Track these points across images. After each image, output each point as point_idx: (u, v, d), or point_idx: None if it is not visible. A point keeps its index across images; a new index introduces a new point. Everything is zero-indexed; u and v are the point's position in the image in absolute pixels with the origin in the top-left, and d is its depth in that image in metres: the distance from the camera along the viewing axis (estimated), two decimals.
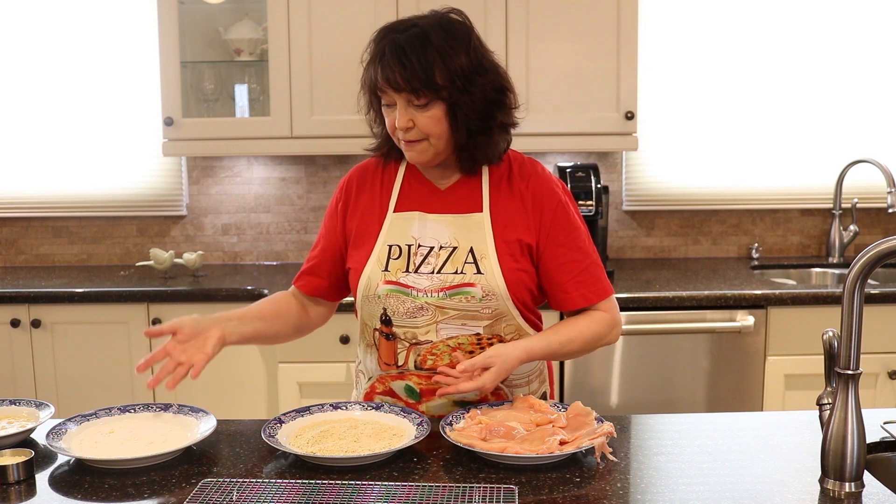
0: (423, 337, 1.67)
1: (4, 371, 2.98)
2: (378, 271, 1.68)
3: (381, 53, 1.61)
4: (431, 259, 1.67)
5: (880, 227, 3.57)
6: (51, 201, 3.47)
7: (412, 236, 1.69)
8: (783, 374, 2.87)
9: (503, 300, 1.65)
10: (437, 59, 1.58)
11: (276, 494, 1.31)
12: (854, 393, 1.31)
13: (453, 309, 1.65)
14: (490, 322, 1.67)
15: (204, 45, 3.27)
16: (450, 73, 1.59)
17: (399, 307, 1.67)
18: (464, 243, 1.67)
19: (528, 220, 1.69)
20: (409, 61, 1.57)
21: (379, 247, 1.70)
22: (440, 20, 1.64)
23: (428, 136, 1.63)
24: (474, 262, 1.65)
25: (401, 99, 1.60)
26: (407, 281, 1.66)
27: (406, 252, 1.68)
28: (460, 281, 1.65)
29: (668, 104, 3.44)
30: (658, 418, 1.70)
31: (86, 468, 1.45)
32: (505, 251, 1.67)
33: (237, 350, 2.94)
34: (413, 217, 1.71)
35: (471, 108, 1.62)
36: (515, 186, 1.72)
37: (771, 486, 1.36)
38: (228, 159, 3.47)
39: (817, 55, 3.43)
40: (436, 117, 1.61)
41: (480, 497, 1.30)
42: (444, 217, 1.70)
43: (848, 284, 1.27)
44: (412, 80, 1.58)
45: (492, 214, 1.69)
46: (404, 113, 1.61)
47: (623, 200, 3.50)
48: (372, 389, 1.77)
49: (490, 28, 3.02)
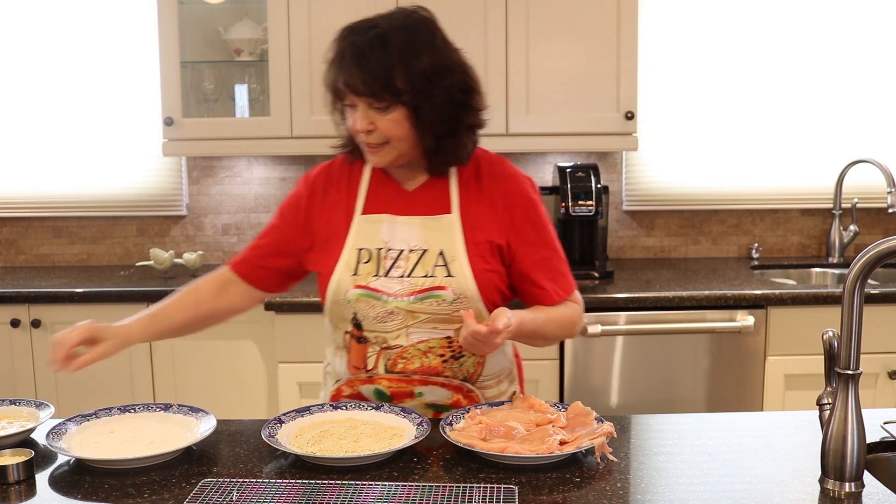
0: (393, 341, 1.66)
1: (4, 371, 2.98)
2: (347, 276, 1.66)
3: (340, 55, 1.59)
4: (401, 262, 1.65)
5: (880, 227, 3.57)
6: (51, 201, 3.47)
7: (382, 239, 1.67)
8: (783, 374, 2.87)
9: (474, 302, 1.65)
10: (397, 62, 1.55)
11: (276, 494, 1.31)
12: (854, 393, 1.31)
13: (424, 313, 1.64)
14: (460, 325, 1.64)
15: (204, 45, 3.27)
16: (411, 77, 1.56)
17: (369, 312, 1.65)
18: (433, 245, 1.65)
19: (499, 220, 1.69)
20: (367, 65, 1.55)
21: (348, 250, 1.68)
22: (404, 20, 1.61)
23: (389, 139, 1.61)
24: (444, 265, 1.64)
25: (361, 102, 1.58)
26: (377, 285, 1.65)
27: (376, 256, 1.66)
28: (431, 284, 1.63)
29: (668, 104, 3.44)
30: (658, 418, 1.70)
31: (86, 468, 1.45)
32: (475, 252, 1.66)
33: (237, 350, 2.95)
34: (382, 220, 1.68)
35: (434, 111, 1.60)
36: (485, 187, 1.70)
37: (771, 486, 1.36)
38: (228, 159, 3.47)
39: (817, 55, 3.43)
40: (397, 121, 1.59)
41: (480, 497, 1.30)
42: (413, 219, 1.68)
43: (848, 284, 1.27)
44: (371, 84, 1.55)
45: (462, 215, 1.67)
46: (364, 116, 1.59)
47: (623, 200, 3.50)
48: (338, 392, 1.75)
49: (490, 28, 3.02)
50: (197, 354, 2.97)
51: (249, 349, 2.96)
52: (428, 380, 1.68)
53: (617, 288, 2.93)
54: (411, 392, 1.69)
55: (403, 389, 1.68)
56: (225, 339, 2.95)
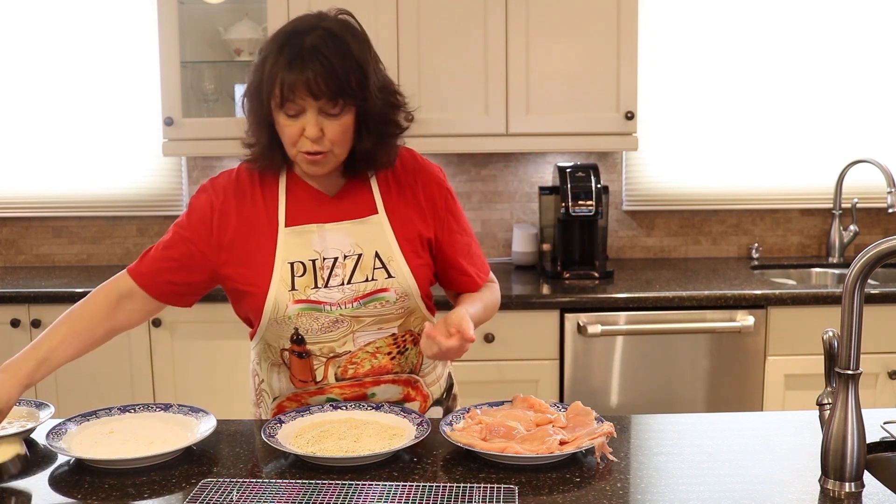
0: (340, 349, 1.64)
1: None
2: (284, 291, 1.60)
3: (293, 56, 1.49)
4: (338, 270, 1.62)
5: (880, 227, 3.57)
6: (51, 201, 3.47)
7: (314, 250, 1.62)
8: (783, 374, 2.87)
9: (414, 297, 1.66)
10: (353, 63, 1.52)
11: (276, 494, 1.31)
12: (854, 393, 1.31)
13: (368, 316, 1.64)
14: (402, 320, 1.67)
15: (204, 45, 3.27)
16: (362, 79, 1.53)
17: (312, 324, 1.62)
18: (367, 248, 1.63)
19: (423, 212, 1.69)
20: (331, 66, 1.48)
21: (279, 266, 1.60)
22: (343, 23, 1.57)
23: (333, 145, 1.55)
24: (383, 267, 1.63)
25: (313, 107, 1.51)
26: (318, 297, 1.61)
27: (311, 267, 1.61)
28: (373, 288, 1.62)
29: (668, 104, 3.44)
30: (658, 418, 1.70)
31: (86, 468, 1.45)
32: (409, 249, 1.66)
33: (237, 350, 2.95)
34: (310, 230, 1.63)
35: (377, 113, 1.58)
36: (403, 181, 1.70)
37: (771, 486, 1.36)
38: (228, 159, 3.46)
39: (817, 55, 3.43)
40: (346, 125, 1.55)
41: (480, 497, 1.30)
42: (341, 225, 1.64)
43: (848, 284, 1.27)
44: (332, 87, 1.49)
45: (388, 214, 1.67)
46: (315, 122, 1.52)
47: (623, 200, 3.50)
48: (280, 409, 1.73)
49: (490, 28, 3.02)
50: (197, 354, 2.97)
51: (249, 349, 2.95)
52: (379, 379, 1.69)
53: (617, 288, 2.93)
54: (364, 395, 1.69)
55: (356, 393, 1.68)
56: (225, 339, 2.95)
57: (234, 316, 2.86)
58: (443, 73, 3.06)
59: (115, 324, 1.66)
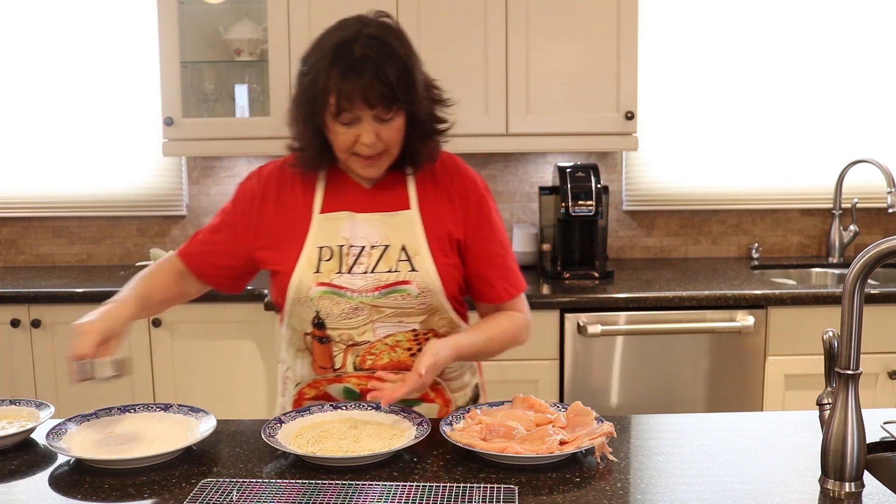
0: (359, 338, 1.66)
1: (4, 371, 2.98)
2: (309, 273, 1.65)
3: (346, 68, 1.53)
4: (364, 258, 1.65)
5: (880, 227, 3.57)
6: (51, 201, 3.47)
7: (343, 237, 1.66)
8: (783, 374, 2.87)
9: (438, 295, 1.66)
10: (402, 68, 1.56)
11: (276, 494, 1.31)
12: (854, 393, 1.31)
13: (389, 307, 1.65)
14: (425, 317, 1.67)
15: (204, 45, 3.27)
16: (412, 84, 1.58)
17: (333, 309, 1.65)
18: (395, 241, 1.66)
19: (455, 214, 1.70)
20: (383, 74, 1.53)
21: (308, 249, 1.66)
22: (385, 26, 1.60)
23: (388, 148, 1.61)
24: (408, 260, 1.65)
25: (369, 115, 1.56)
26: (340, 282, 1.64)
27: (338, 253, 1.66)
28: (395, 279, 1.64)
29: (668, 104, 3.44)
30: (658, 418, 1.70)
31: (86, 468, 1.45)
32: (437, 247, 1.67)
33: (237, 350, 2.95)
34: (342, 217, 1.68)
35: (425, 114, 1.63)
36: (440, 181, 1.72)
37: (771, 486, 1.36)
38: (228, 159, 3.47)
39: (817, 55, 3.44)
40: (398, 127, 1.60)
41: (480, 497, 1.30)
42: (373, 216, 1.68)
43: (848, 284, 1.27)
44: (387, 94, 1.53)
45: (420, 211, 1.69)
46: (371, 129, 1.57)
47: (623, 200, 3.50)
48: (301, 395, 1.75)
49: (490, 28, 3.02)
50: (197, 354, 2.97)
51: (249, 349, 2.96)
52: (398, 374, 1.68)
53: (617, 288, 2.93)
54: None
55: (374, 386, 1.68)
56: (225, 339, 2.95)
57: (235, 316, 2.90)
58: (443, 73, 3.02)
59: (180, 291, 1.78)
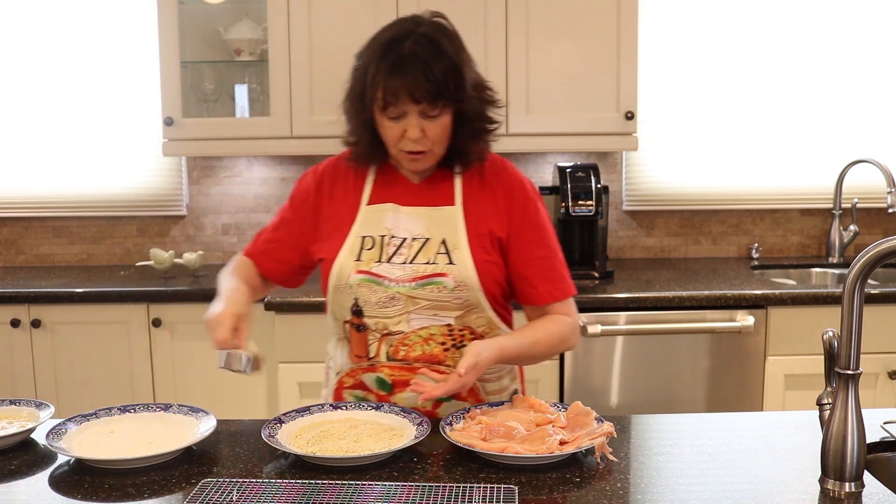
0: (394, 327, 1.68)
1: (4, 371, 2.98)
2: (350, 261, 1.68)
3: (393, 63, 1.57)
4: (404, 250, 1.68)
5: (880, 227, 3.57)
6: (51, 201, 3.48)
7: (385, 227, 1.70)
8: (783, 374, 2.87)
9: (474, 291, 1.66)
10: (450, 66, 1.59)
11: (276, 494, 1.31)
12: (854, 393, 1.31)
13: (425, 299, 1.66)
14: (461, 313, 1.67)
15: (204, 45, 3.27)
16: (461, 81, 1.61)
17: (370, 297, 1.67)
18: (436, 235, 1.68)
19: (499, 213, 1.71)
20: (431, 73, 1.56)
21: (352, 238, 1.70)
22: (437, 26, 1.64)
23: (434, 145, 1.64)
24: (446, 253, 1.66)
25: (415, 111, 1.59)
26: (379, 271, 1.67)
27: (379, 242, 1.69)
28: (432, 271, 1.65)
29: (668, 104, 3.44)
30: (658, 418, 1.70)
31: (86, 468, 1.45)
32: (477, 243, 1.68)
33: None
34: (386, 209, 1.71)
35: (473, 112, 1.65)
36: (487, 181, 1.73)
37: (771, 486, 1.36)
38: (228, 159, 3.47)
39: (817, 55, 3.43)
40: (444, 125, 1.63)
41: (480, 497, 1.30)
42: (417, 210, 1.71)
43: (848, 284, 1.27)
44: (434, 93, 1.57)
45: (464, 208, 1.70)
46: (417, 124, 1.61)
47: (623, 200, 3.50)
48: (340, 385, 1.77)
49: (490, 28, 3.02)
50: (197, 354, 2.97)
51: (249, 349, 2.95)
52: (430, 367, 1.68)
53: (617, 288, 2.93)
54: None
55: (405, 378, 1.68)
56: None
57: None
58: None
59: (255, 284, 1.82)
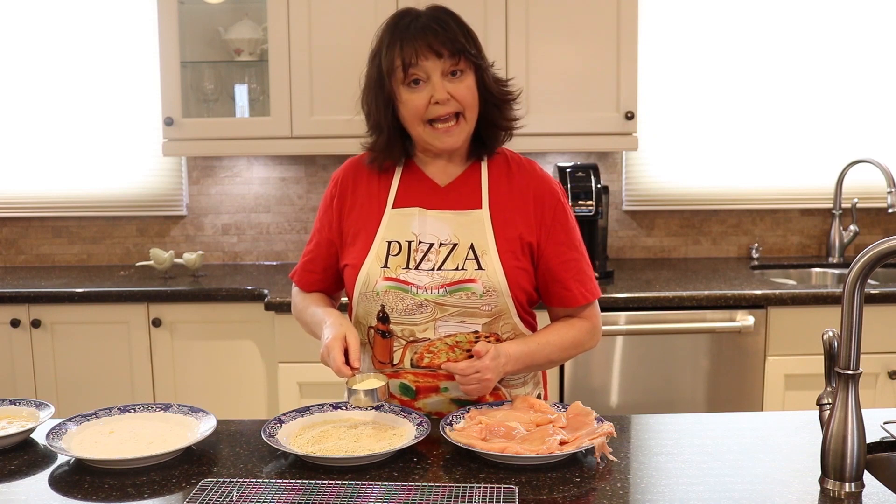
0: (420, 334, 1.66)
1: (4, 371, 2.98)
2: (377, 268, 1.66)
3: (406, 30, 1.62)
4: (432, 256, 1.66)
5: (880, 227, 3.57)
6: (51, 201, 3.48)
7: (412, 232, 1.68)
8: (783, 374, 2.87)
9: (503, 297, 1.65)
10: (466, 30, 1.65)
11: (276, 494, 1.31)
12: (854, 393, 1.31)
13: (453, 306, 1.64)
14: (489, 320, 1.66)
15: (204, 45, 3.27)
16: (475, 39, 1.66)
17: (398, 304, 1.65)
18: (464, 240, 1.66)
19: (529, 217, 1.69)
20: (446, 25, 1.62)
21: (378, 243, 1.68)
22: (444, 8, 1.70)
23: (464, 108, 1.65)
24: (475, 259, 1.65)
25: (437, 69, 1.61)
26: (407, 278, 1.65)
27: (406, 248, 1.67)
28: (461, 277, 1.64)
29: (668, 104, 3.44)
30: (658, 418, 1.70)
31: (86, 468, 1.45)
32: (506, 248, 1.66)
33: (237, 350, 2.95)
34: (413, 213, 1.69)
35: (490, 77, 1.68)
36: (515, 184, 1.72)
37: (771, 486, 1.36)
38: (228, 159, 3.47)
39: (817, 55, 3.43)
40: (470, 87, 1.65)
41: (480, 497, 1.30)
42: (444, 213, 1.69)
43: (848, 284, 1.27)
44: (450, 43, 1.60)
45: (491, 211, 1.69)
46: (441, 84, 1.62)
47: (623, 200, 3.50)
48: None
49: (490, 28, 3.02)
50: (197, 354, 2.97)
51: (249, 349, 2.96)
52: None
53: (617, 288, 2.93)
54: (437, 387, 1.68)
55: (430, 384, 1.68)
56: (225, 339, 2.95)
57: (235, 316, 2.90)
58: None
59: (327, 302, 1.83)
